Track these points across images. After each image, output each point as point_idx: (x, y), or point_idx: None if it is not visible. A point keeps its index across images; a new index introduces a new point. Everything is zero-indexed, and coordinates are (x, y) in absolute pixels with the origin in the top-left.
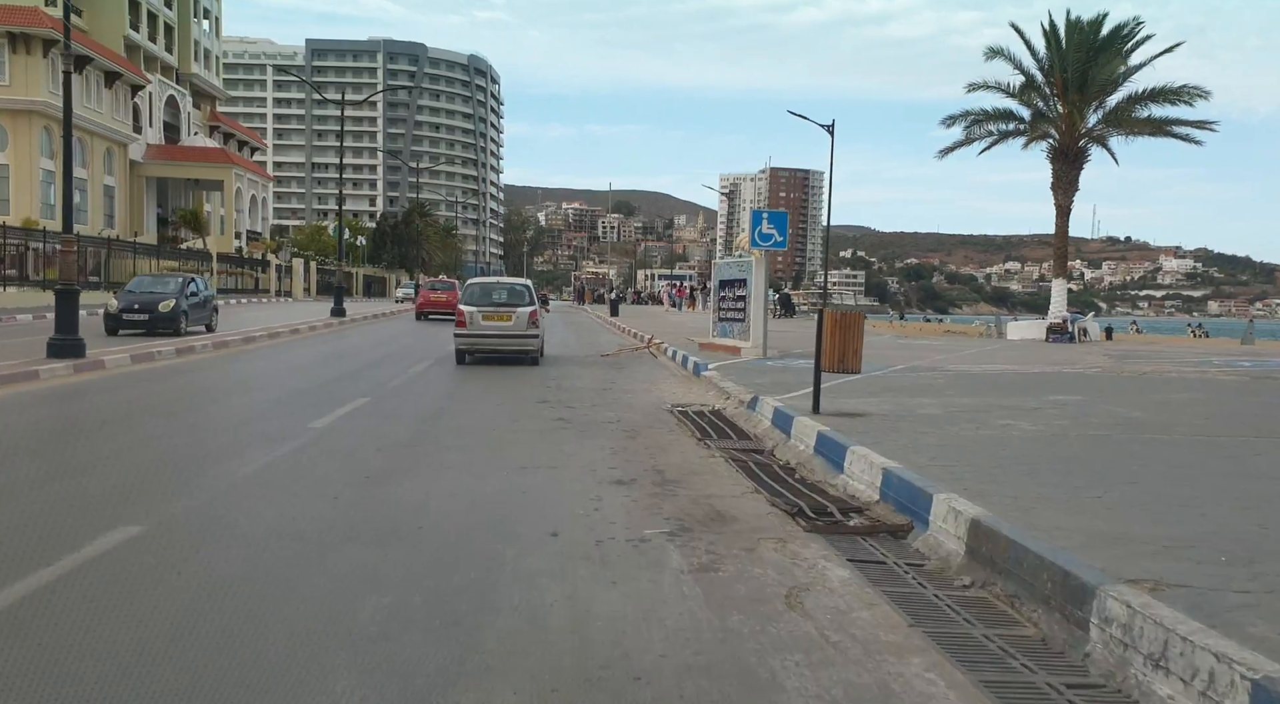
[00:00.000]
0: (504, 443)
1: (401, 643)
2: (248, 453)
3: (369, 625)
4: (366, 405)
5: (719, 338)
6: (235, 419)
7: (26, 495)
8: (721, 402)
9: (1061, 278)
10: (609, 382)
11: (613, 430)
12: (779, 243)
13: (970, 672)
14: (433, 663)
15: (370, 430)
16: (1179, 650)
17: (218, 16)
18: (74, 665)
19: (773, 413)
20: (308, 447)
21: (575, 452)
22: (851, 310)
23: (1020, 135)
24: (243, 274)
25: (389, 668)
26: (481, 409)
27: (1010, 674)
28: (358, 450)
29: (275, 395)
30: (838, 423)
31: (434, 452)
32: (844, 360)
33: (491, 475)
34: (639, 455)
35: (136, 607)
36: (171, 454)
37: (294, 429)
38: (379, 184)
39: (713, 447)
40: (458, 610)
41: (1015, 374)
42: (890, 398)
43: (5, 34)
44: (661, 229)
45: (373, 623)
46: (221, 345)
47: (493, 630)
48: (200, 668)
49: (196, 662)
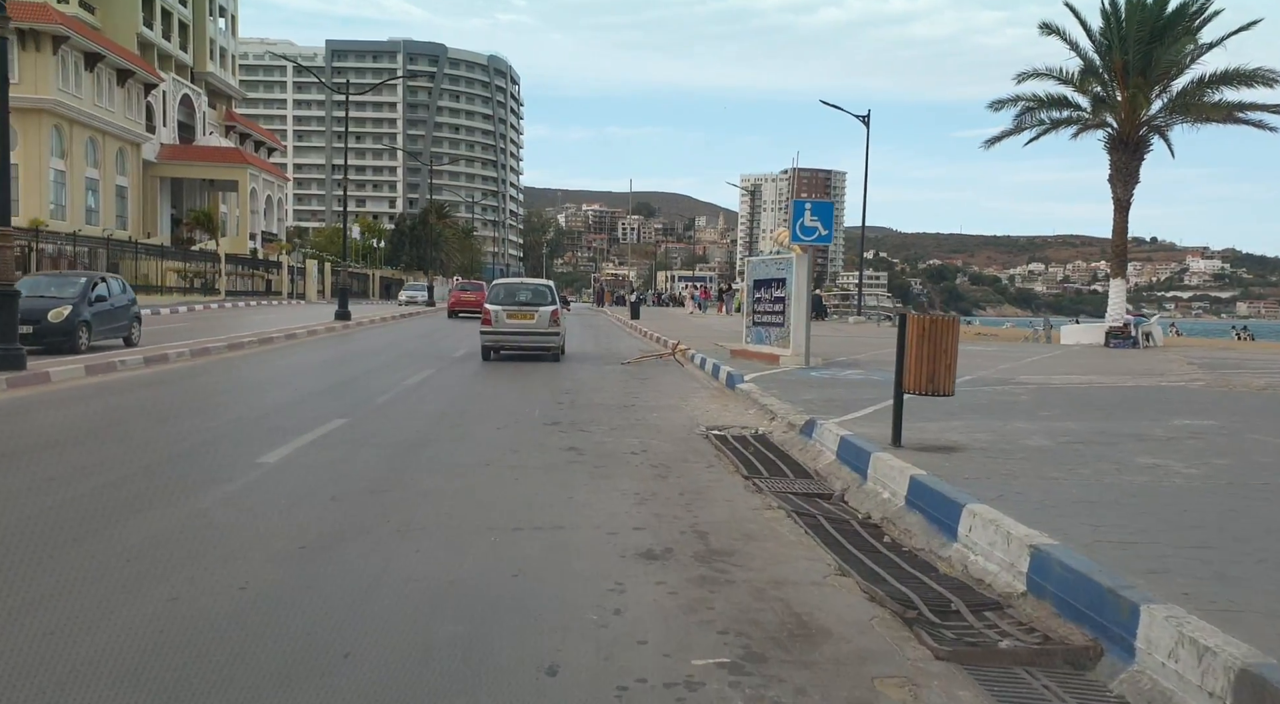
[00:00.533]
0: (498, 487)
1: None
2: (151, 509)
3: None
4: (340, 430)
5: (753, 344)
6: (163, 455)
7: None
8: (765, 423)
9: (1120, 278)
10: (631, 396)
11: (637, 465)
12: (823, 237)
13: None
14: None
15: (333, 467)
16: None
17: (234, 15)
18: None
19: (838, 443)
20: (241, 495)
21: (589, 500)
22: (942, 315)
23: (1073, 123)
24: (253, 276)
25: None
26: (478, 434)
27: None
28: (305, 501)
29: (234, 416)
30: (927, 461)
31: (404, 502)
32: (934, 379)
33: (472, 544)
34: (672, 506)
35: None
36: (51, 512)
37: (235, 466)
38: (399, 185)
39: (766, 490)
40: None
41: (1105, 388)
42: (977, 421)
43: (14, 30)
44: (681, 230)
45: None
46: (158, 359)
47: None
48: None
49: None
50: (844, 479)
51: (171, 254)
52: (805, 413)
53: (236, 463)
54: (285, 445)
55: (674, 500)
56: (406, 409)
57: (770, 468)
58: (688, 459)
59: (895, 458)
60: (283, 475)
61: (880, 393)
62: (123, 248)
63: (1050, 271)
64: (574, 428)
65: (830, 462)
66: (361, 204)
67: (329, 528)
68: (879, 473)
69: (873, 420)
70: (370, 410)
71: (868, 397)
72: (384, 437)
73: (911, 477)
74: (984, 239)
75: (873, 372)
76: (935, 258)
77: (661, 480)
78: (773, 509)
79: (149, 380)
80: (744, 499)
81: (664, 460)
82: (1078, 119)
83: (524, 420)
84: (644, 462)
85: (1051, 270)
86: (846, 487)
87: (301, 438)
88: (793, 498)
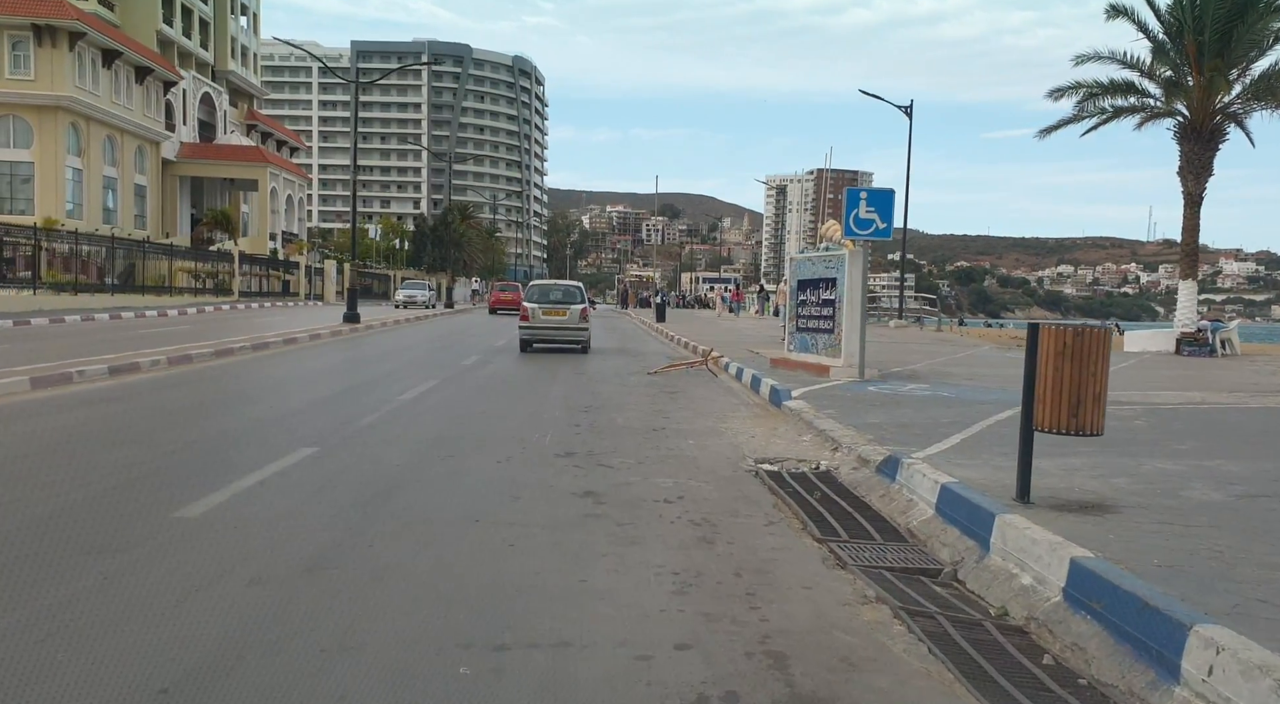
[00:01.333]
0: (484, 562)
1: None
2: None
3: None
4: (304, 464)
5: (797, 352)
6: (54, 506)
7: None
8: (827, 454)
9: (1191, 279)
10: (660, 415)
11: (673, 520)
12: (881, 231)
13: None
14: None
15: (271, 526)
16: None
17: (256, 13)
18: None
19: (936, 493)
20: (122, 575)
21: (609, 587)
22: (1092, 327)
23: (1138, 111)
24: (269, 276)
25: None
26: (472, 471)
27: None
28: (210, 586)
29: (178, 444)
30: (1074, 527)
31: (347, 590)
32: (1077, 411)
33: (429, 680)
34: (728, 597)
35: None
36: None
37: (141, 524)
38: (423, 186)
39: (851, 563)
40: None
41: (1229, 410)
42: (1102, 458)
43: (30, 26)
44: (706, 232)
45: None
46: (127, 369)
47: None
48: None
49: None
50: (952, 546)
51: (182, 254)
52: (877, 442)
53: (146, 518)
54: (222, 489)
55: (729, 585)
56: (394, 433)
57: (846, 522)
58: (738, 510)
59: (1030, 522)
60: (197, 540)
61: (960, 415)
62: (131, 247)
63: (1080, 274)
64: (592, 461)
65: (927, 518)
66: (386, 205)
67: (223, 645)
68: (1010, 544)
69: (965, 454)
70: (350, 434)
71: (946, 419)
72: (354, 475)
73: (1073, 561)
74: (1012, 241)
75: (939, 386)
76: (963, 259)
77: (708, 547)
78: (871, 603)
79: (102, 396)
80: (827, 583)
81: (708, 512)
82: (1143, 106)
83: (532, 449)
84: (682, 514)
85: (1081, 272)
86: (959, 559)
87: (248, 478)
88: (889, 577)
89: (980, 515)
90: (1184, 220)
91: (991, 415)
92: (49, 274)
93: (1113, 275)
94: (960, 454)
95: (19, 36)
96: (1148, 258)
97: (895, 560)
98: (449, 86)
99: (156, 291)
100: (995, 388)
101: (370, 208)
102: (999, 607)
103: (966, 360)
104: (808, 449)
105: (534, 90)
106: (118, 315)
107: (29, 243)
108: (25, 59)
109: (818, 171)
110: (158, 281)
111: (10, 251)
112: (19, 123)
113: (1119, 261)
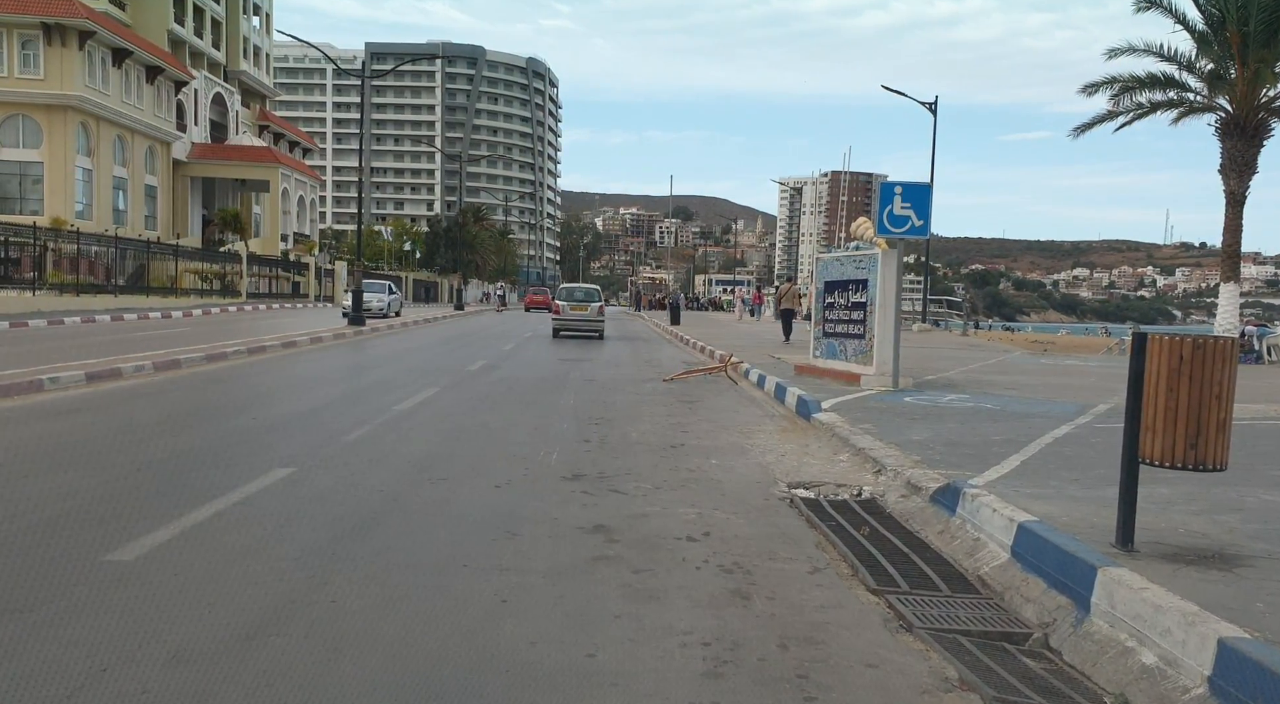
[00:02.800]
0: (467, 625)
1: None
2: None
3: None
4: (274, 489)
5: (824, 359)
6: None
7: None
8: (869, 477)
9: (1233, 282)
10: (679, 429)
11: (698, 566)
12: (917, 228)
13: None
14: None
15: (219, 572)
16: None
17: (268, 13)
18: None
19: (1014, 534)
20: (20, 644)
21: (622, 665)
22: (1212, 337)
23: (1176, 106)
24: (278, 277)
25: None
26: (464, 499)
27: None
28: (112, 671)
29: (132, 466)
30: (1198, 586)
31: (283, 678)
32: (1196, 441)
33: None
34: (774, 683)
35: None
36: None
37: (64, 570)
38: (437, 188)
39: (917, 624)
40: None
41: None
42: (1204, 491)
43: (40, 25)
44: (719, 234)
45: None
46: (108, 375)
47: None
48: None
49: None
50: (1038, 602)
51: (189, 254)
52: (926, 464)
53: (69, 563)
54: (170, 524)
55: (774, 663)
56: (382, 450)
57: (903, 566)
58: (775, 552)
59: (1145, 580)
60: (121, 595)
61: (1012, 430)
62: (137, 247)
63: (1095, 277)
64: (603, 485)
65: (1001, 563)
66: (400, 206)
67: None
68: (1121, 608)
69: (1029, 480)
70: (333, 452)
71: (998, 436)
72: (329, 504)
73: (1222, 643)
74: (1027, 244)
75: (981, 397)
76: (977, 262)
77: (743, 605)
78: (955, 691)
79: (71, 406)
80: (895, 658)
81: (740, 555)
82: (1181, 101)
83: (536, 470)
84: (709, 557)
85: (1097, 275)
86: (1049, 620)
87: (205, 507)
88: (967, 645)
89: (1074, 566)
90: (1225, 220)
91: (1047, 432)
92: (53, 275)
93: (1129, 278)
94: (1023, 480)
95: (28, 35)
96: (1164, 261)
97: (970, 620)
98: (463, 88)
99: (162, 293)
100: (1043, 399)
101: (383, 209)
102: (1116, 694)
103: (1001, 367)
104: (846, 471)
105: (547, 92)
106: (119, 317)
107: (32, 243)
108: (35, 58)
109: (833, 174)
110: (164, 283)
111: (17, 252)
112: (28, 122)
113: (1135, 264)
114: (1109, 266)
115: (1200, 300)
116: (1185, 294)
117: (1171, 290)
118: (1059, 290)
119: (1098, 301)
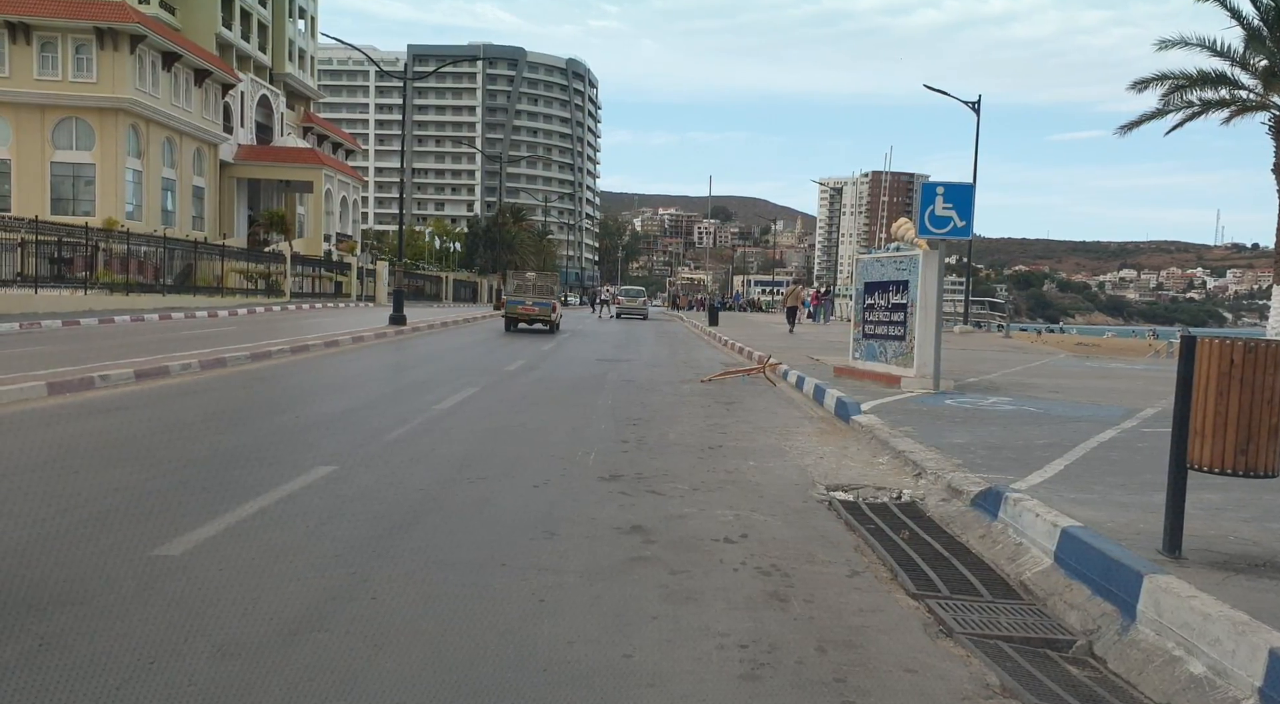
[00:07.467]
0: (502, 629)
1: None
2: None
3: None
4: (318, 486)
5: (863, 361)
6: (36, 533)
7: None
8: (909, 481)
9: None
10: (717, 430)
11: (736, 569)
12: (959, 229)
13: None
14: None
15: (264, 567)
16: None
17: (313, 16)
18: None
19: (1057, 539)
20: (59, 640)
21: (660, 670)
22: (1263, 340)
23: (1229, 104)
24: (321, 277)
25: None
26: (503, 499)
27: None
28: (161, 663)
29: (182, 461)
30: (1249, 596)
31: (326, 673)
32: (1246, 447)
33: None
34: (812, 686)
35: None
36: None
37: (114, 563)
38: (477, 188)
39: (956, 629)
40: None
41: None
42: (1255, 498)
43: (93, 29)
44: (758, 235)
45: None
46: (156, 373)
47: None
48: None
49: None
50: (1082, 609)
51: (235, 254)
52: (967, 468)
53: (119, 556)
54: (216, 520)
55: (812, 666)
56: (422, 449)
57: (943, 571)
58: (814, 555)
59: (1193, 588)
60: (169, 588)
61: (1055, 434)
62: (184, 247)
63: (1143, 278)
64: (640, 485)
65: (1044, 569)
66: (440, 207)
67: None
68: (1168, 616)
69: (1073, 485)
70: (375, 451)
71: (1041, 440)
72: (370, 502)
73: (1274, 652)
74: (1071, 245)
75: (1023, 400)
76: (1021, 263)
77: (781, 607)
78: (997, 698)
79: (121, 403)
80: (935, 663)
81: (778, 557)
82: (1234, 99)
83: (574, 470)
84: (747, 559)
85: (1144, 277)
86: (1093, 627)
87: (249, 504)
88: (1009, 651)
89: (1120, 573)
90: (1279, 221)
91: (1091, 436)
92: (103, 274)
93: (1178, 280)
94: (1068, 485)
95: (81, 40)
96: (1215, 262)
97: (1011, 626)
98: (503, 89)
99: (209, 292)
100: (1086, 403)
101: (424, 210)
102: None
103: (1045, 370)
104: (886, 474)
105: (587, 93)
106: (167, 316)
107: (85, 243)
108: (88, 62)
109: (873, 174)
110: (211, 282)
111: (70, 252)
112: (81, 125)
113: (1184, 266)
114: (1157, 268)
115: (1252, 303)
116: (1236, 296)
117: (1222, 292)
118: (1105, 292)
119: (1145, 303)
